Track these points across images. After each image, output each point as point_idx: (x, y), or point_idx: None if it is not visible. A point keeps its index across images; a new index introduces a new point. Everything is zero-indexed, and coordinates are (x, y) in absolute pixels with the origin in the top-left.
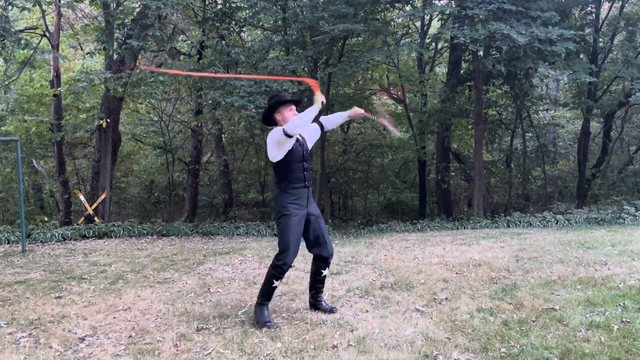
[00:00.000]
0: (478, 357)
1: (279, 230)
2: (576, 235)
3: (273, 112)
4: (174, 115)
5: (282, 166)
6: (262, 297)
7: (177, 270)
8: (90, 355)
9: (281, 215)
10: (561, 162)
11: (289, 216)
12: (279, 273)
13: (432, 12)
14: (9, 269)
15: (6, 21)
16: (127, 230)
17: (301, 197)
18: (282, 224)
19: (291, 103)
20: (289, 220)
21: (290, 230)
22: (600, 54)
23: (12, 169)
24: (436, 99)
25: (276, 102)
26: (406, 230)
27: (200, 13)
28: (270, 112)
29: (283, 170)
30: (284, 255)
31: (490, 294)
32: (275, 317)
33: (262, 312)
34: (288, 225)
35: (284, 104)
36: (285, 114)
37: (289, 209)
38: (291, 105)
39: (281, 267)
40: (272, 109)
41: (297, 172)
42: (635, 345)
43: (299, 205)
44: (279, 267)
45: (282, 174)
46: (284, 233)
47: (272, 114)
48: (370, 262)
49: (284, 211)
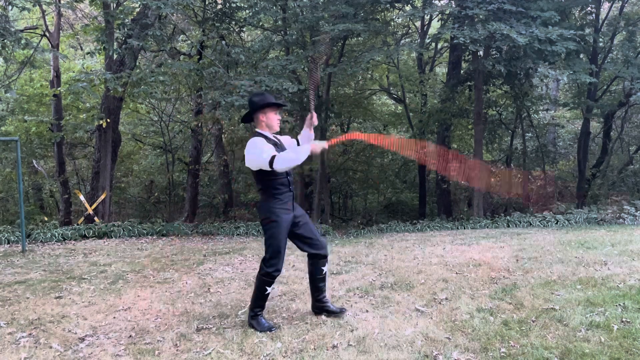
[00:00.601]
0: (478, 357)
1: (267, 235)
2: (576, 235)
3: (258, 111)
4: (174, 115)
5: (266, 173)
6: (255, 307)
7: (177, 270)
8: (90, 355)
9: (270, 220)
10: (561, 162)
11: (279, 221)
12: (270, 279)
13: (432, 12)
14: (9, 269)
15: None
16: (127, 230)
17: (288, 201)
18: (272, 229)
19: (279, 107)
20: (279, 225)
21: (281, 235)
22: (600, 54)
23: (12, 169)
24: (436, 99)
25: (267, 103)
26: (406, 230)
27: (200, 13)
28: (255, 110)
29: (267, 176)
30: (275, 261)
31: (490, 294)
32: (275, 317)
33: (259, 321)
34: (279, 230)
35: (273, 106)
36: (271, 117)
37: (278, 214)
38: (278, 109)
39: (272, 274)
40: (258, 107)
41: (282, 178)
42: (635, 345)
43: (287, 210)
44: (269, 275)
45: (267, 181)
46: (275, 238)
47: (255, 113)
48: (370, 262)
49: (273, 217)
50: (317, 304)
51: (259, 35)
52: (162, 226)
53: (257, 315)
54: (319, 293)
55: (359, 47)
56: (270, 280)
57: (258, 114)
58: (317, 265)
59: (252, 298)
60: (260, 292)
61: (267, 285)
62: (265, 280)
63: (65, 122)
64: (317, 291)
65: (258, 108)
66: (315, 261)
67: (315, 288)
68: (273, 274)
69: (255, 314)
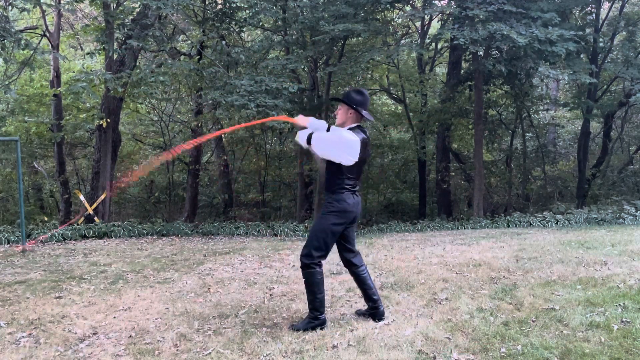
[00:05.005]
0: (478, 357)
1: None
2: (576, 235)
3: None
4: (174, 115)
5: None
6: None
7: (177, 270)
8: (90, 355)
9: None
10: (561, 162)
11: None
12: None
13: (432, 12)
14: (9, 269)
15: (6, 21)
16: (127, 230)
17: None
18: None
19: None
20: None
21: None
22: (601, 54)
23: (12, 169)
24: (436, 99)
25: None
26: (406, 230)
27: (200, 13)
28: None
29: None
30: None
31: (490, 294)
32: (275, 317)
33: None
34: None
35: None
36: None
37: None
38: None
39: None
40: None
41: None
42: (635, 345)
43: None
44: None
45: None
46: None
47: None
48: (370, 262)
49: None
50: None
51: (259, 35)
52: (162, 226)
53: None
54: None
55: (359, 47)
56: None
57: (360, 111)
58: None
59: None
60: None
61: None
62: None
63: (65, 122)
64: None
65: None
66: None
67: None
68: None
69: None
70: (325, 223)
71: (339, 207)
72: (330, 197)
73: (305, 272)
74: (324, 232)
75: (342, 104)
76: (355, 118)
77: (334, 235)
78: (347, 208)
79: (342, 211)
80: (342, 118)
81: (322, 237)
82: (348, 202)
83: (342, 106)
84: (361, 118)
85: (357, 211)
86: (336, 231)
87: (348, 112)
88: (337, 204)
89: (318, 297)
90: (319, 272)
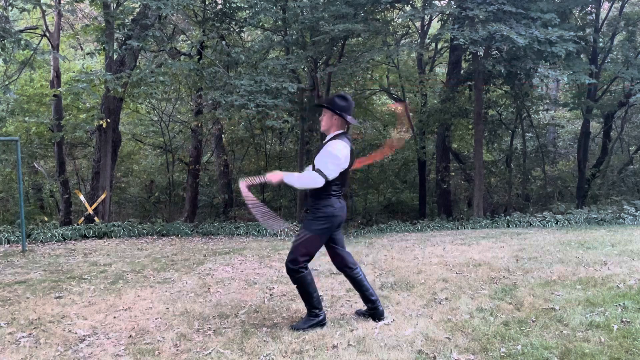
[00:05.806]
0: (478, 357)
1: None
2: (576, 235)
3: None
4: (174, 115)
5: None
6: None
7: (177, 270)
8: (90, 355)
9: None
10: (561, 162)
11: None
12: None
13: (432, 12)
14: (9, 269)
15: (6, 21)
16: (127, 230)
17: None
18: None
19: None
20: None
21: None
22: (600, 54)
23: (12, 169)
24: (436, 99)
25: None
26: (406, 230)
27: (200, 13)
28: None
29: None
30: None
31: (490, 294)
32: (275, 317)
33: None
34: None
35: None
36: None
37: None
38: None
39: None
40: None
41: None
42: (635, 345)
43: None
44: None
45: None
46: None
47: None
48: (370, 262)
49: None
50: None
51: (259, 35)
52: (162, 226)
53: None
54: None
55: (358, 47)
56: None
57: (347, 118)
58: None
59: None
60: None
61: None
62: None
63: (65, 122)
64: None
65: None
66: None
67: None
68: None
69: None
70: (313, 228)
71: (326, 212)
72: (316, 202)
73: (295, 277)
74: (311, 237)
75: (327, 110)
76: (340, 124)
77: (322, 240)
78: (334, 212)
79: (329, 216)
80: (327, 124)
81: (310, 243)
82: (335, 207)
83: (327, 112)
84: (346, 123)
85: (343, 215)
86: (324, 236)
87: (333, 118)
88: (325, 209)
89: (314, 296)
90: (308, 273)
